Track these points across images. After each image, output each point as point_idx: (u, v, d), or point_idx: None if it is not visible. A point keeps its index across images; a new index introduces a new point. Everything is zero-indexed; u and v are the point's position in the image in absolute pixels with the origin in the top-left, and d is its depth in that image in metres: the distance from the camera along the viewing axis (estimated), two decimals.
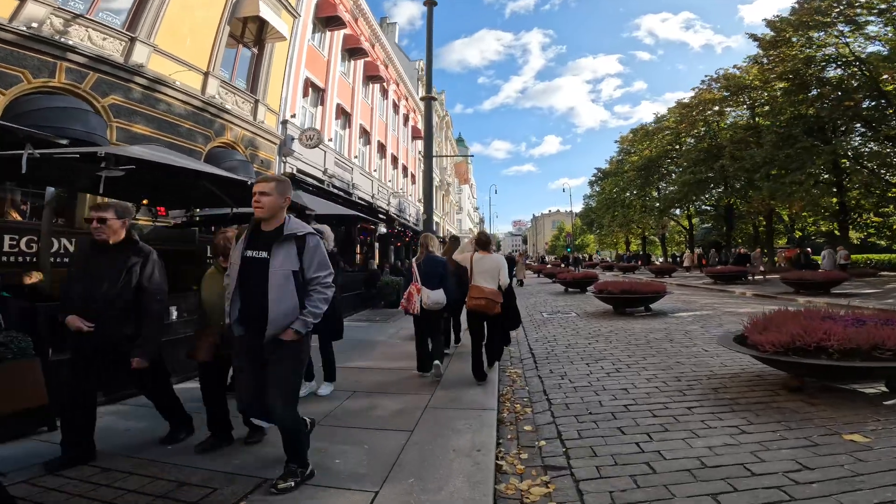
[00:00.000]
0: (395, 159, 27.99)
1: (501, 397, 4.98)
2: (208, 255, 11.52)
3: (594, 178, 53.36)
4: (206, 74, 11.17)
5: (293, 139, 14.69)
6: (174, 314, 5.46)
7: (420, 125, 35.72)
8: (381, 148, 25.44)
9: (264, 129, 13.41)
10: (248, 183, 6.68)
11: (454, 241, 7.16)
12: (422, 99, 8.47)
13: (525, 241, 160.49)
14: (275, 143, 13.99)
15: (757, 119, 28.01)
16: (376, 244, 22.08)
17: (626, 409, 4.36)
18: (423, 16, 7.43)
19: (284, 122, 14.56)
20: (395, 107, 28.79)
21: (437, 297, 5.24)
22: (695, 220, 41.70)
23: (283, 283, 2.71)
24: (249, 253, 2.79)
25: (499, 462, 3.34)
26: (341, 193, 17.67)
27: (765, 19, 25.25)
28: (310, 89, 16.97)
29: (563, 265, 32.57)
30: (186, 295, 5.57)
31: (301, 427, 2.93)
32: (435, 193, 43.67)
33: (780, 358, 4.10)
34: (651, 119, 46.62)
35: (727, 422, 3.88)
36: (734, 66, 29.85)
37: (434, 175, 36.77)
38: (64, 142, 4.60)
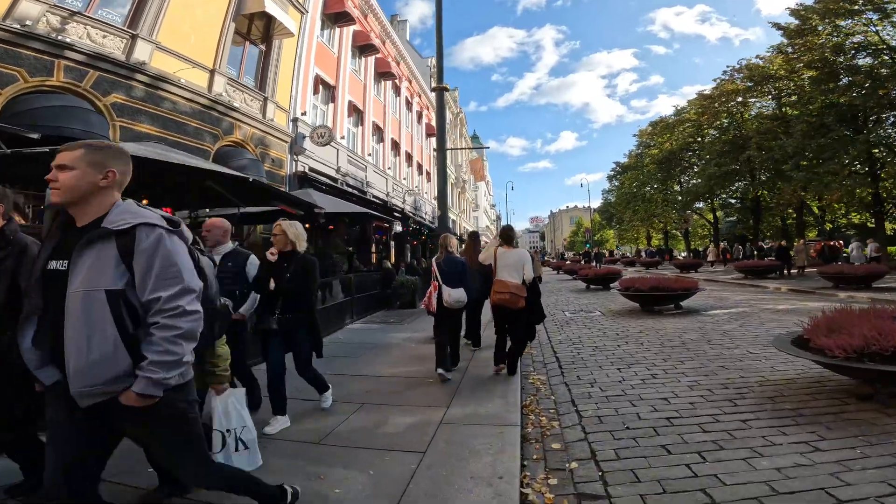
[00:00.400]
0: (409, 157, 27.60)
1: (524, 408, 4.50)
2: None
3: (613, 172, 52.22)
4: (212, 72, 10.89)
5: (304, 137, 14.37)
6: None
7: (434, 122, 35.31)
8: (395, 146, 25.07)
9: (274, 127, 13.10)
10: (250, 180, 6.32)
11: (474, 238, 7.06)
12: (433, 90, 8.00)
13: (542, 238, 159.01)
14: (285, 142, 13.69)
15: (784, 109, 26.85)
16: (392, 243, 21.72)
17: (669, 423, 3.82)
18: (434, 14, 7.01)
19: (295, 120, 14.25)
20: (409, 104, 28.39)
21: (458, 295, 5.29)
22: (719, 214, 40.47)
23: (90, 312, 1.64)
24: (53, 264, 1.75)
25: (524, 490, 2.87)
26: (355, 192, 17.33)
27: (788, 8, 24.37)
28: (320, 87, 16.65)
29: (583, 261, 31.66)
30: None
31: (241, 478, 2.23)
32: (450, 191, 43.30)
33: (854, 365, 3.51)
34: (670, 112, 45.30)
35: (794, 437, 3.33)
36: (757, 57, 29.12)
37: (449, 172, 36.00)
38: (34, 136, 4.23)
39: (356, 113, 19.68)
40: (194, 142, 10.24)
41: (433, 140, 34.84)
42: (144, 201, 7.57)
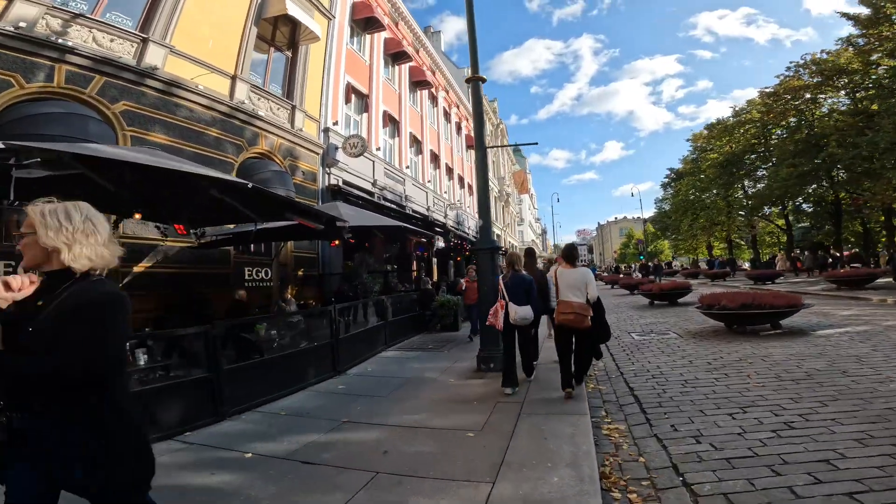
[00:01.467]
0: (449, 170, 26.59)
1: (604, 480, 3.11)
2: (246, 277, 10.65)
3: (667, 179, 49.18)
4: (233, 78, 10.23)
5: (336, 148, 13.57)
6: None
7: (473, 133, 34.18)
8: (434, 158, 24.13)
9: (304, 137, 12.35)
10: (249, 186, 5.27)
11: (531, 255, 6.73)
12: (467, 80, 6.82)
13: (591, 251, 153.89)
14: (317, 153, 12.91)
15: (864, 103, 23.90)
16: (434, 259, 20.60)
17: None
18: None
19: (326, 130, 13.49)
20: (447, 115, 27.51)
21: (524, 312, 5.29)
22: (791, 219, 36.92)
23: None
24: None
25: None
26: (393, 206, 16.38)
27: None
28: (352, 95, 15.93)
29: (640, 274, 29.03)
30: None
31: None
32: (494, 204, 42.00)
33: None
34: (727, 114, 42.24)
35: None
36: (822, 52, 26.60)
37: (492, 185, 34.97)
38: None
39: (392, 123, 18.87)
40: (215, 153, 9.53)
41: (473, 153, 33.79)
42: (137, 216, 6.80)
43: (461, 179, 28.98)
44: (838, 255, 33.07)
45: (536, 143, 69.60)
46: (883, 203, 22.33)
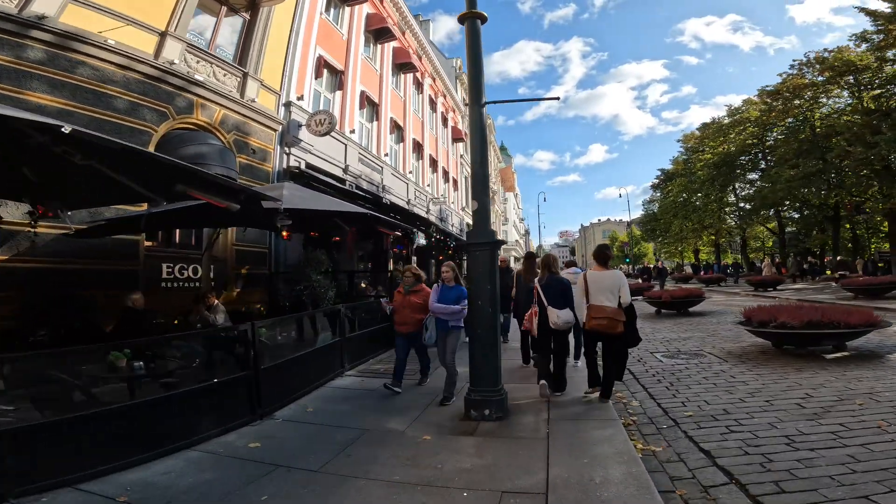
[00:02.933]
0: (433, 161, 24.55)
1: None
2: (164, 275, 8.45)
3: (657, 180, 47.97)
4: (162, 35, 8.10)
5: (300, 126, 11.47)
6: None
7: (461, 126, 32.36)
8: (418, 147, 22.10)
9: (257, 110, 10.24)
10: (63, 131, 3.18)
11: (530, 258, 6.78)
12: (461, 17, 4.80)
13: (573, 253, 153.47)
14: (273, 130, 10.80)
15: (880, 100, 22.73)
16: (414, 258, 18.59)
17: None
18: (462, 31, 3.69)
19: (288, 105, 11.38)
20: (433, 104, 25.49)
21: (567, 316, 4.93)
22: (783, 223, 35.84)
23: None
24: None
25: None
26: (368, 196, 14.31)
27: None
28: (325, 70, 13.86)
29: (641, 278, 26.71)
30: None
31: None
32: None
33: None
34: (722, 114, 41.16)
35: None
36: (825, 51, 25.79)
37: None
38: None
39: (370, 105, 16.80)
40: (126, 120, 7.43)
41: (460, 146, 31.88)
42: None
43: (446, 173, 27.01)
44: (822, 261, 32.22)
45: (558, 98, 67.80)
46: (894, 207, 21.13)
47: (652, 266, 25.14)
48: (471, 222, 4.86)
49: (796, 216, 33.93)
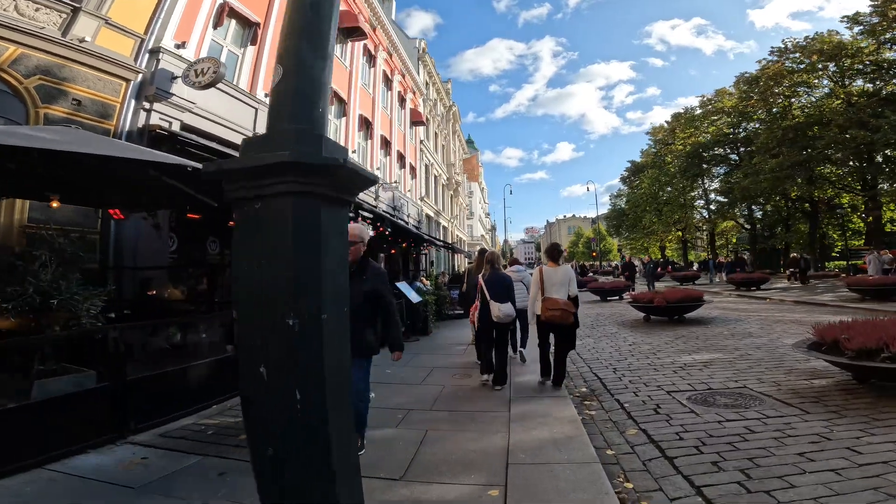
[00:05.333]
0: (386, 143, 21.58)
1: None
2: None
3: (627, 172, 46.54)
4: None
5: (174, 78, 8.38)
6: None
7: (421, 109, 29.45)
8: (366, 125, 19.11)
9: (93, 52, 7.16)
10: None
11: (482, 255, 6.67)
12: None
13: (538, 249, 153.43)
14: (124, 80, 7.70)
15: (878, 83, 21.33)
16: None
17: None
18: (437, 27, 0.36)
19: (156, 52, 8.28)
20: (388, 81, 22.52)
21: (508, 309, 5.34)
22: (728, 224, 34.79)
23: None
24: None
25: None
26: None
27: None
28: (231, 20, 10.77)
29: (623, 276, 23.00)
30: None
31: None
32: (442, 193, 37.27)
33: None
34: (693, 104, 39.83)
35: None
36: (805, 38, 24.61)
37: (440, 171, 30.25)
38: None
39: None
40: None
41: (420, 130, 28.99)
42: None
43: (402, 157, 24.08)
44: (785, 258, 31.25)
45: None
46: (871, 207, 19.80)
47: (646, 261, 22.04)
48: (430, 213, 2.28)
49: (769, 209, 32.78)
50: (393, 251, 19.69)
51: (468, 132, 61.98)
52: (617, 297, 17.39)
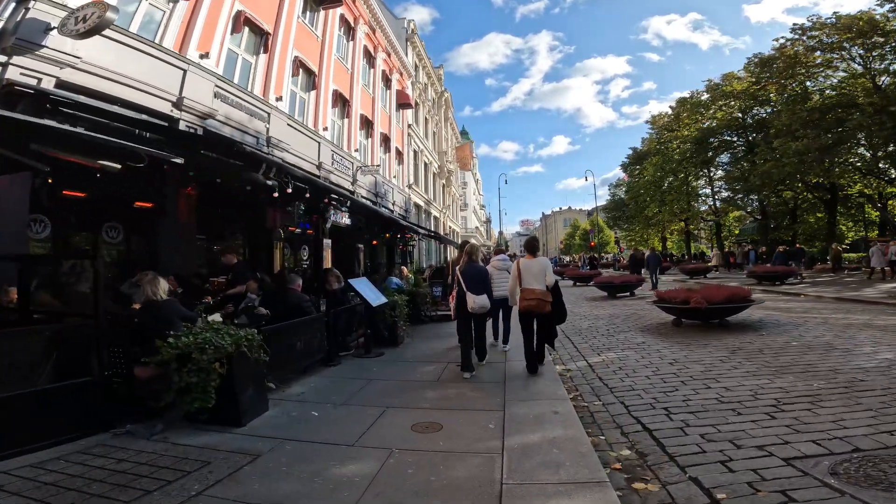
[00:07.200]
0: (367, 123, 19.35)
1: None
2: None
3: (627, 160, 44.46)
4: None
5: (48, 29, 6.21)
6: None
7: (410, 91, 27.17)
8: (343, 102, 16.89)
9: None
10: None
11: (462, 247, 6.47)
12: None
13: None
14: None
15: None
16: (327, 241, 13.47)
17: None
18: (434, 21, 0.25)
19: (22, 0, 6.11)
20: (370, 58, 20.26)
21: (482, 301, 5.47)
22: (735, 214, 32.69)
23: None
24: None
25: None
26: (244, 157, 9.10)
27: None
28: None
29: (631, 270, 18.87)
30: None
31: None
32: (434, 182, 34.99)
33: None
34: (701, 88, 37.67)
35: None
36: (833, 14, 22.85)
37: (431, 159, 27.70)
38: None
39: (256, 34, 11.55)
40: None
41: (408, 113, 26.73)
42: None
43: (386, 140, 21.87)
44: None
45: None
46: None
47: (647, 252, 19.19)
48: (419, 202, 0.72)
49: (774, 200, 30.90)
50: (374, 242, 17.58)
51: (463, 125, 59.92)
52: (628, 294, 15.34)
